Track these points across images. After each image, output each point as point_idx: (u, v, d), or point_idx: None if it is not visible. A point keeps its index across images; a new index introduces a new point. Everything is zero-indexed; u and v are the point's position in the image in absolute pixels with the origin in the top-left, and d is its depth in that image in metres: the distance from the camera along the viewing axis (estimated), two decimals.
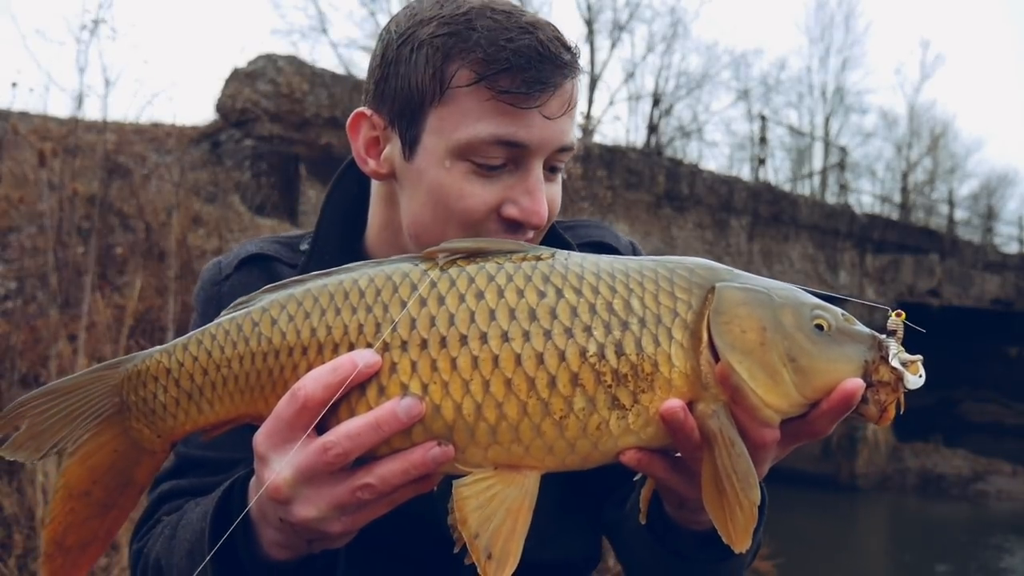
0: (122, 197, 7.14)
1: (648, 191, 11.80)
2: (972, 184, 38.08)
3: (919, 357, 0.85)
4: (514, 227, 1.06)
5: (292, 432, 0.82)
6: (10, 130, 6.93)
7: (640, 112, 28.84)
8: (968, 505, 14.69)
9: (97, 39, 7.30)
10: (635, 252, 1.32)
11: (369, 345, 0.83)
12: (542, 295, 0.84)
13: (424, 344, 0.83)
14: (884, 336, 0.87)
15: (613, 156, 11.50)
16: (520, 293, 0.84)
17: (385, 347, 0.83)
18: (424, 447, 0.81)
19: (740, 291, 0.86)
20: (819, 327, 0.86)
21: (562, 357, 0.82)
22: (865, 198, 29.46)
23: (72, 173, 6.53)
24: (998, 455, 16.59)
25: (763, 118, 20.67)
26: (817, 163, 28.26)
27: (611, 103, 28.69)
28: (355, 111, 1.13)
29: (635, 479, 1.06)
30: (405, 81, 1.04)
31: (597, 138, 16.41)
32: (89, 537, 0.93)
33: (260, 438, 0.84)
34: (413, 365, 0.83)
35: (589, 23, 26.08)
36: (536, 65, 0.99)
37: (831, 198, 22.42)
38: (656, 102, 24.56)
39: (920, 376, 0.83)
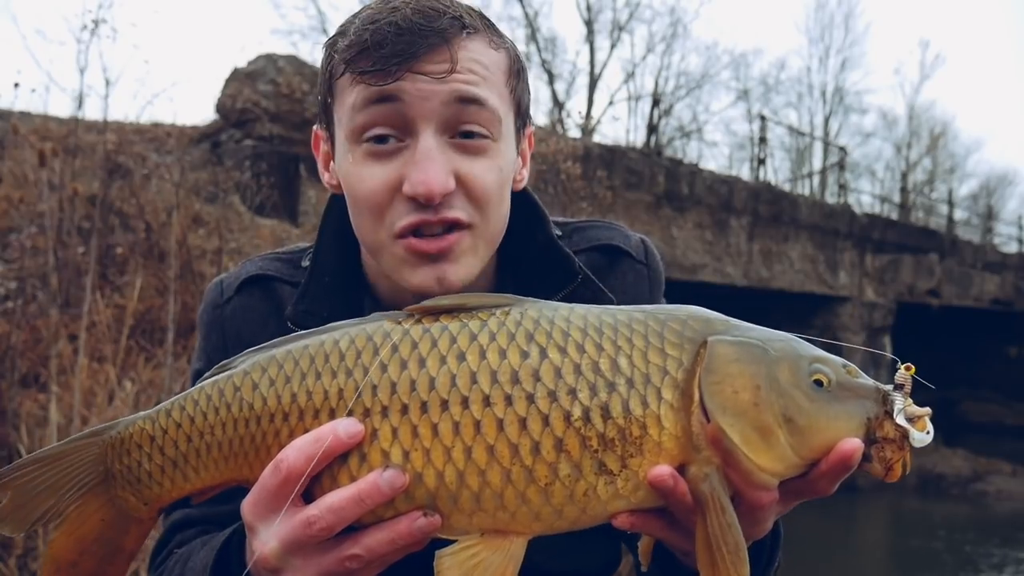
0: (122, 197, 7.14)
1: (648, 191, 11.81)
2: (972, 184, 38.12)
3: (927, 411, 0.81)
4: (417, 206, 0.99)
5: (277, 502, 0.82)
6: (11, 130, 6.93)
7: (640, 112, 28.84)
8: (968, 505, 14.69)
9: (97, 39, 7.30)
10: (646, 252, 1.26)
11: (351, 412, 0.82)
12: (525, 355, 0.81)
13: (405, 409, 0.81)
14: (890, 389, 0.83)
15: (613, 156, 11.50)
16: (503, 354, 0.81)
17: (366, 413, 0.82)
18: (409, 518, 0.80)
19: (733, 346, 0.82)
20: (818, 383, 0.82)
21: (546, 422, 0.79)
22: (865, 198, 29.49)
23: (72, 173, 6.53)
24: (998, 455, 16.59)
25: (763, 118, 20.66)
26: (817, 163, 28.28)
27: (611, 103, 28.71)
28: (314, 129, 1.16)
29: None
30: (319, 89, 1.10)
31: (597, 138, 16.42)
32: None
33: (247, 507, 0.84)
34: (394, 432, 0.81)
35: (589, 23, 26.08)
36: (394, 40, 0.96)
37: (831, 198, 22.42)
38: (656, 102, 24.57)
39: (928, 432, 0.80)
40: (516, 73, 1.08)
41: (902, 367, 0.84)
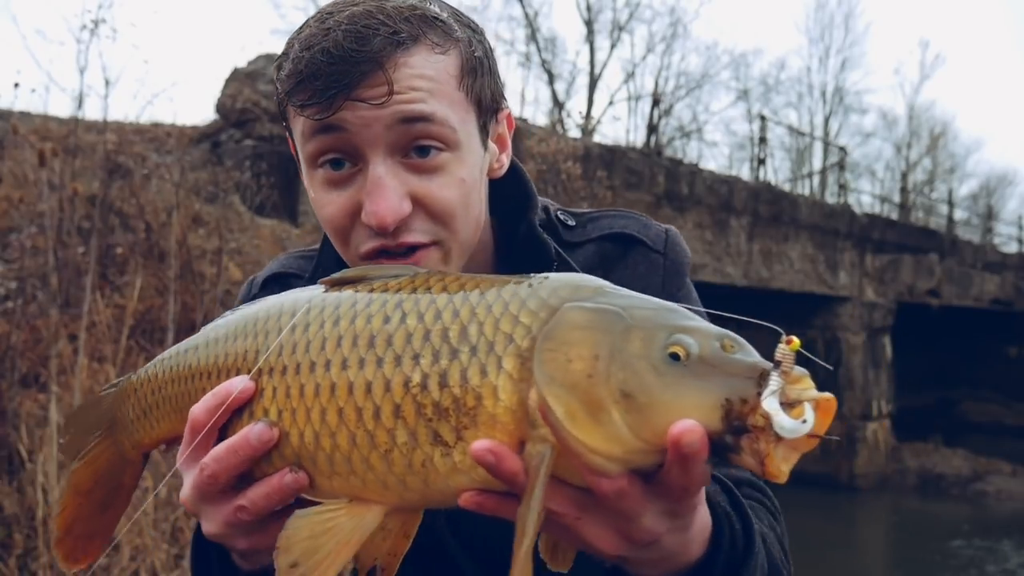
0: (122, 197, 7.14)
1: (648, 191, 11.81)
2: (972, 184, 38.15)
3: (815, 396, 0.68)
4: (376, 232, 0.97)
5: (190, 452, 0.89)
6: (10, 130, 6.93)
7: (640, 112, 28.84)
8: (968, 505, 14.69)
9: (97, 39, 7.30)
10: (666, 242, 1.18)
11: (249, 371, 0.86)
12: (387, 320, 0.80)
13: (284, 370, 0.84)
14: (771, 367, 0.69)
15: (613, 156, 11.50)
16: (368, 319, 0.81)
17: (260, 373, 0.85)
18: (280, 474, 0.83)
19: (584, 312, 0.73)
20: (674, 356, 0.69)
21: (387, 387, 0.77)
22: (865, 198, 29.49)
23: (72, 173, 6.53)
24: (998, 455, 16.59)
25: (763, 118, 20.65)
26: (817, 163, 28.27)
27: (611, 103, 28.73)
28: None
29: None
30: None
31: (597, 138, 16.42)
32: (93, 530, 1.06)
33: (178, 458, 0.91)
34: (274, 391, 0.84)
35: (589, 23, 26.09)
36: (327, 70, 0.92)
37: (831, 198, 22.42)
38: (656, 102, 24.56)
39: (804, 421, 0.66)
40: (471, 71, 1.01)
41: (783, 340, 0.69)
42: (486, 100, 1.04)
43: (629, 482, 0.70)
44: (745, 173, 23.96)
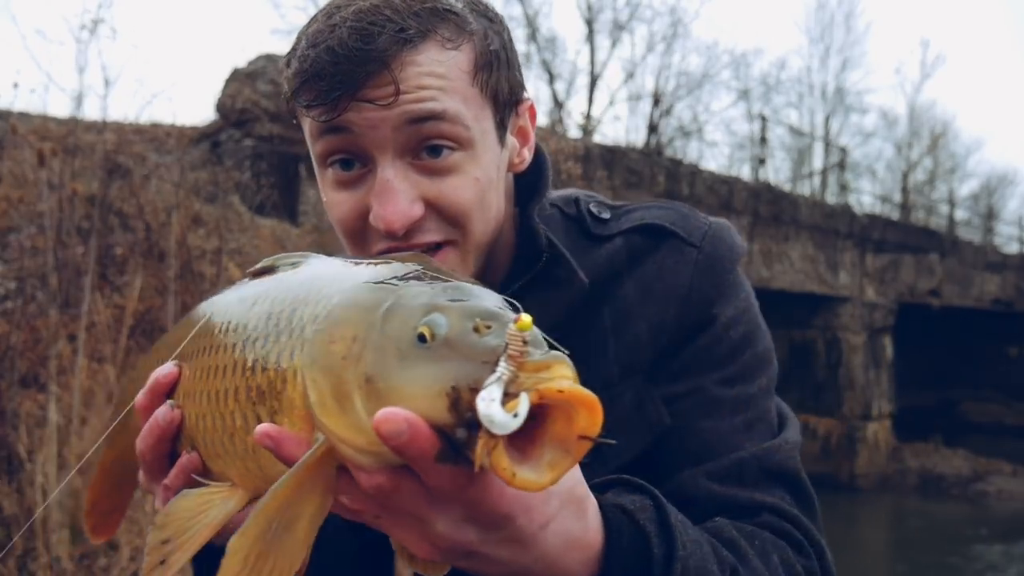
0: (122, 197, 7.13)
1: (648, 191, 11.80)
2: (972, 184, 38.08)
3: (542, 386, 0.57)
4: (387, 235, 0.95)
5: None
6: (10, 130, 6.92)
7: (640, 112, 28.81)
8: (968, 505, 14.68)
9: (97, 39, 7.30)
10: (705, 236, 1.06)
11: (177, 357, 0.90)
12: (254, 305, 0.80)
13: (189, 356, 0.88)
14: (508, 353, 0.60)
15: (613, 156, 11.50)
16: (250, 305, 0.81)
17: (184, 357, 0.89)
18: (183, 455, 0.87)
19: (363, 290, 0.68)
20: (421, 337, 0.61)
21: (233, 370, 0.77)
22: (865, 198, 29.46)
23: (72, 173, 6.52)
24: (998, 455, 16.59)
25: (763, 118, 20.66)
26: (817, 163, 28.25)
27: (611, 103, 28.69)
28: None
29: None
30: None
31: (597, 138, 16.42)
32: (113, 506, 1.12)
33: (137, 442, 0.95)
34: (180, 375, 0.88)
35: (589, 23, 26.07)
36: (331, 70, 0.89)
37: (831, 198, 22.41)
38: (656, 102, 24.54)
39: (516, 415, 0.56)
40: (485, 65, 0.96)
41: (514, 321, 0.60)
42: (503, 95, 0.99)
43: (389, 479, 0.63)
44: (745, 173, 23.95)
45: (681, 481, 0.97)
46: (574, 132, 17.02)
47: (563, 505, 0.70)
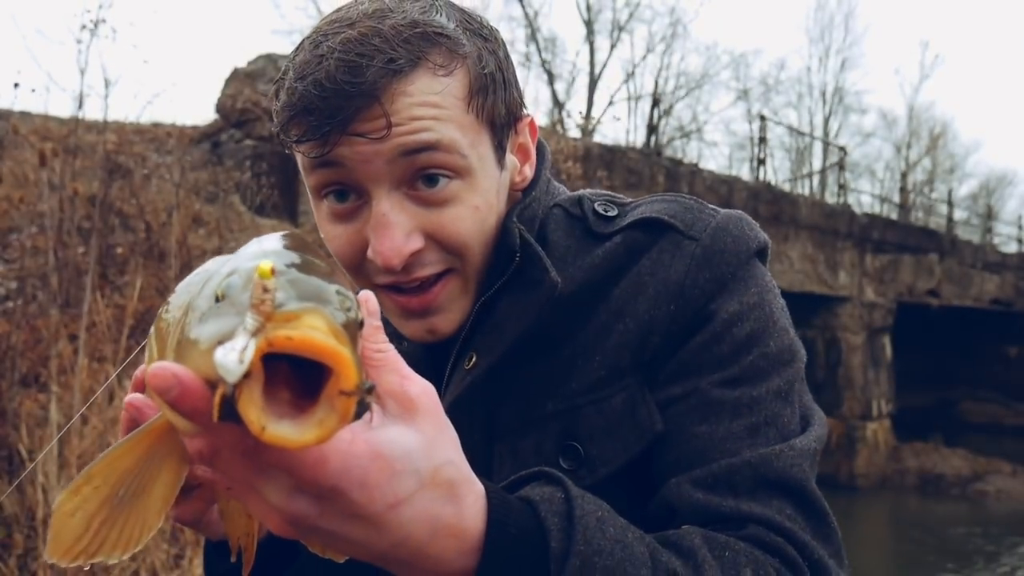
0: (122, 197, 7.14)
1: (648, 191, 11.80)
2: (971, 184, 38.17)
3: (280, 333, 0.52)
4: (387, 272, 0.92)
5: None
6: (10, 130, 6.93)
7: (640, 112, 28.81)
8: (968, 505, 14.69)
9: (97, 39, 7.30)
10: (710, 229, 0.97)
11: None
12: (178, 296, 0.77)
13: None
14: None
15: (613, 156, 11.50)
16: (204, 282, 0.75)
17: None
18: None
19: (214, 263, 0.70)
20: (217, 298, 0.60)
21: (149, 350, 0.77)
22: (865, 198, 29.51)
23: (72, 173, 6.53)
24: (998, 455, 16.59)
25: (763, 118, 20.64)
26: (817, 163, 28.29)
27: (611, 103, 28.70)
28: None
29: None
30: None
31: (597, 138, 16.42)
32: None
33: None
34: None
35: (589, 23, 26.09)
36: (320, 104, 0.86)
37: (831, 198, 22.43)
38: (656, 102, 24.55)
39: (242, 362, 0.52)
40: (480, 89, 0.92)
41: (257, 268, 0.55)
42: (500, 118, 0.95)
43: (208, 443, 0.60)
44: (745, 173, 23.98)
45: (666, 489, 0.88)
46: (574, 132, 17.01)
47: (423, 486, 0.63)
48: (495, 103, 0.94)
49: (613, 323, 0.95)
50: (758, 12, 59.55)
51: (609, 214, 1.02)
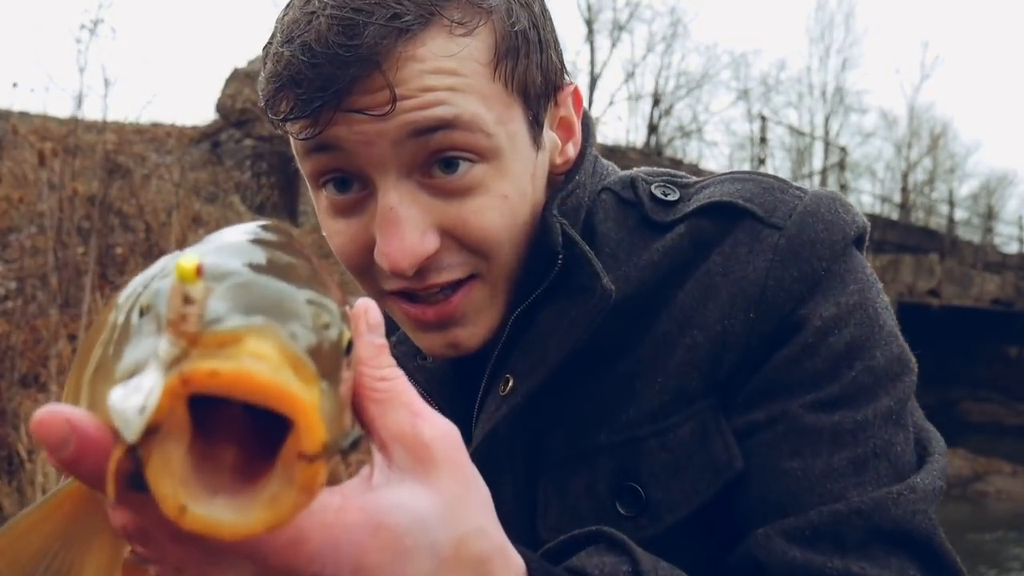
0: (122, 197, 7.14)
1: None
2: (972, 184, 38.15)
3: (185, 368, 0.36)
4: (397, 276, 0.76)
5: None
6: (10, 130, 6.93)
7: (640, 112, 28.86)
8: (968, 505, 14.69)
9: (97, 39, 7.29)
10: (796, 214, 0.77)
11: None
12: None
13: None
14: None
15: (613, 156, 11.49)
16: None
17: None
18: None
19: (163, 259, 0.51)
20: (141, 311, 0.43)
21: None
22: (865, 198, 29.47)
23: (72, 173, 6.53)
24: (998, 455, 16.60)
25: (763, 118, 20.65)
26: (817, 163, 28.28)
27: (611, 103, 28.70)
28: None
29: None
30: None
31: (597, 138, 16.42)
32: None
33: None
34: None
35: (589, 23, 26.08)
36: (309, 73, 0.69)
37: None
38: (656, 102, 24.56)
39: (143, 411, 0.36)
40: (509, 51, 0.75)
41: (178, 264, 0.38)
42: (535, 86, 0.78)
43: (132, 515, 0.43)
44: None
45: (753, 543, 0.70)
46: None
47: (442, 565, 0.47)
48: (528, 68, 0.77)
49: (678, 335, 0.77)
50: (758, 12, 59.56)
51: (669, 198, 0.83)
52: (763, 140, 19.06)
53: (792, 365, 0.74)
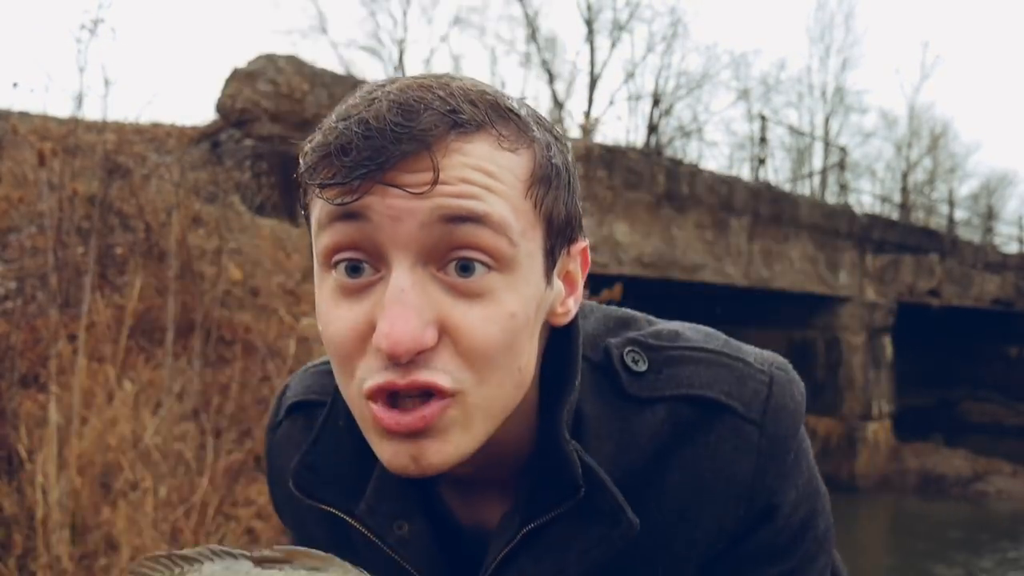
0: (122, 197, 7.14)
1: (648, 191, 11.81)
2: (972, 184, 38.16)
3: None
4: (388, 361, 0.74)
5: None
6: (10, 130, 6.93)
7: (640, 112, 28.86)
8: (968, 505, 14.69)
9: (97, 39, 7.30)
10: (768, 407, 0.86)
11: None
12: None
13: None
14: None
15: (613, 156, 11.50)
16: None
17: None
18: None
19: None
20: None
21: None
22: (865, 198, 29.47)
23: (72, 173, 6.52)
24: (998, 455, 16.60)
25: (763, 118, 20.64)
26: (817, 163, 28.27)
27: (611, 103, 28.73)
28: None
29: None
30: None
31: (597, 138, 16.43)
32: None
33: None
34: None
35: (589, 23, 26.08)
36: (360, 144, 0.71)
37: (831, 198, 22.43)
38: (656, 102, 24.56)
39: None
40: (544, 178, 0.78)
41: None
42: (559, 219, 0.80)
43: None
44: (745, 173, 23.99)
45: None
46: (574, 132, 17.03)
47: None
48: (556, 199, 0.79)
49: (676, 525, 0.84)
50: (758, 12, 59.53)
51: (639, 368, 0.87)
52: (763, 140, 19.06)
53: (764, 544, 0.86)
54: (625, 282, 6.77)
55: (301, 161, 0.78)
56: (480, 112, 0.74)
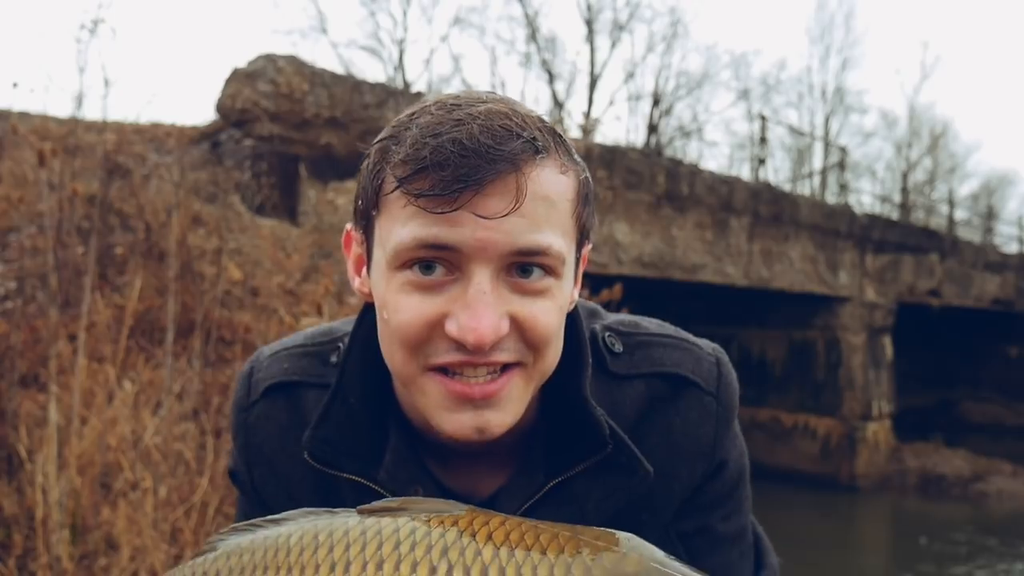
0: (122, 197, 7.14)
1: (648, 191, 11.80)
2: (972, 184, 38.18)
3: None
4: (461, 347, 0.90)
5: None
6: (10, 130, 6.93)
7: (640, 112, 28.86)
8: (968, 505, 14.68)
9: (97, 39, 7.30)
10: (718, 380, 1.10)
11: None
12: (432, 572, 0.76)
13: None
14: None
15: (613, 156, 11.50)
16: (414, 567, 0.77)
17: None
18: None
19: None
20: None
21: None
22: (865, 198, 29.50)
23: (72, 173, 6.52)
24: (998, 455, 16.59)
25: (763, 118, 20.63)
26: (817, 163, 28.27)
27: (611, 103, 28.74)
28: (347, 227, 1.08)
29: None
30: (359, 193, 0.99)
31: (597, 138, 16.42)
32: None
33: None
34: None
35: (589, 23, 26.08)
36: (456, 161, 0.85)
37: (831, 198, 22.43)
38: (656, 102, 24.56)
39: None
40: (583, 197, 0.96)
41: None
42: (586, 230, 0.99)
43: None
44: (745, 173, 24.00)
45: None
46: (574, 132, 17.03)
47: None
48: (589, 214, 0.98)
49: (657, 482, 1.03)
50: (758, 12, 59.51)
51: (616, 349, 1.08)
52: (763, 140, 19.05)
53: (714, 492, 1.10)
54: (625, 282, 6.75)
55: (385, 168, 0.91)
56: (547, 139, 0.91)
